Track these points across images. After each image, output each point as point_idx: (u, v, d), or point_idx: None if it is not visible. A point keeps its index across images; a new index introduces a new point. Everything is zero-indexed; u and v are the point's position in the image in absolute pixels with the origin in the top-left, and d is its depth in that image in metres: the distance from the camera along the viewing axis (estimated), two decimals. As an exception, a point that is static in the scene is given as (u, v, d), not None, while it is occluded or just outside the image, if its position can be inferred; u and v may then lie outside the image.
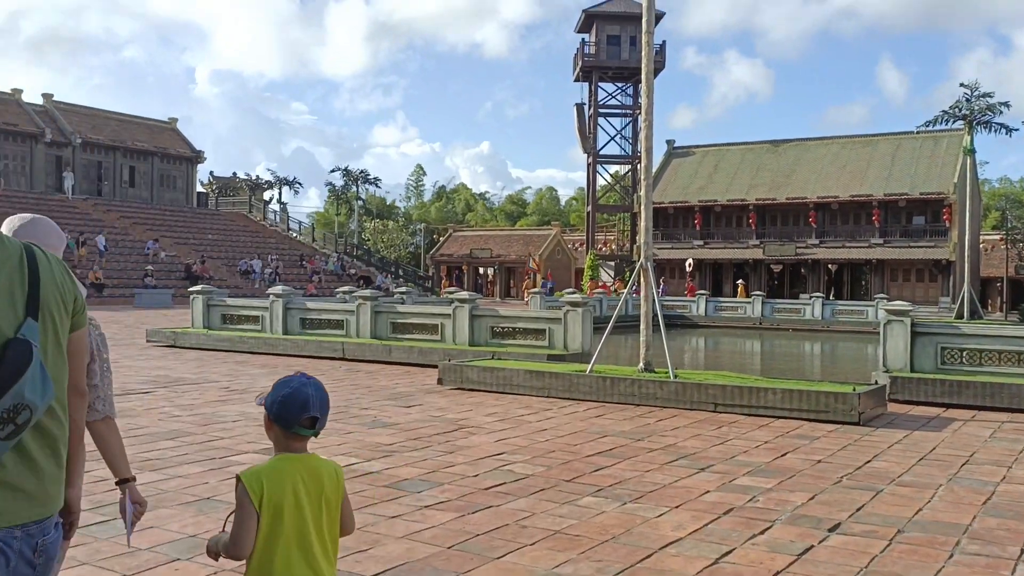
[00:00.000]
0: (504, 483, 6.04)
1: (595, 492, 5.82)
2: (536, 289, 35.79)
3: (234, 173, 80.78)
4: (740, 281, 46.97)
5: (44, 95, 51.68)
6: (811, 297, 34.54)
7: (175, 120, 59.33)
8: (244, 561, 2.31)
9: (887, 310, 11.51)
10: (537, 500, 5.59)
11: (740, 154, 56.31)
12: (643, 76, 11.13)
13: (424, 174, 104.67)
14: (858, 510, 5.46)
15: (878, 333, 11.77)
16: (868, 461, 7.02)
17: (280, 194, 78.79)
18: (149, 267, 38.88)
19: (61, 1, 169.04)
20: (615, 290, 45.79)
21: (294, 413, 2.31)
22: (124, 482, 2.70)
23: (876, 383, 10.21)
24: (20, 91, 50.58)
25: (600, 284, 49.95)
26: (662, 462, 6.85)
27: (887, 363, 11.24)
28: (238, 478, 2.28)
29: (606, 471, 6.48)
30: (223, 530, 2.35)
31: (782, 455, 7.21)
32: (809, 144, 55.12)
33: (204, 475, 6.14)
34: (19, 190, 46.27)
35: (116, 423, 2.78)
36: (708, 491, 5.90)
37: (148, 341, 17.44)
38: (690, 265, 48.35)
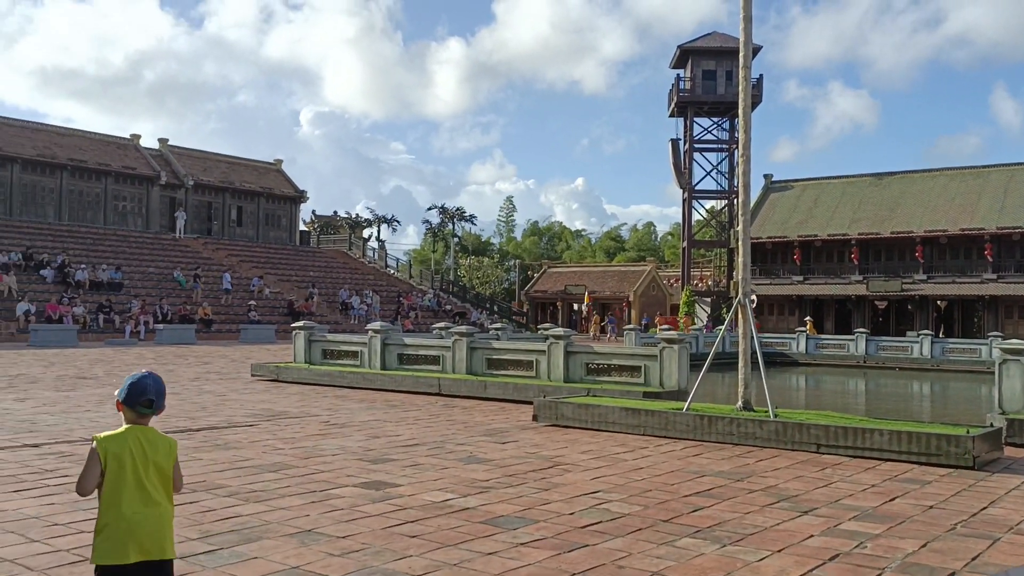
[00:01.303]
0: (600, 522, 5.98)
1: (693, 533, 5.71)
2: (630, 326, 35.48)
3: (335, 212, 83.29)
4: (808, 319, 45.53)
5: (160, 140, 54.53)
6: (919, 335, 33.21)
7: (280, 161, 61.59)
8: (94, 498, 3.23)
9: (1003, 348, 10.98)
10: (634, 540, 5.51)
11: (841, 187, 54.94)
12: (740, 111, 11.03)
13: (515, 210, 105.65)
14: (973, 559, 5.19)
15: (992, 373, 11.23)
16: (984, 508, 6.68)
17: (379, 232, 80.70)
18: (252, 303, 40.24)
19: (180, 50, 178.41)
20: (681, 325, 45.46)
21: (135, 396, 3.26)
22: None
23: (991, 425, 9.72)
24: (138, 136, 53.46)
25: (673, 319, 49.31)
26: (763, 504, 6.66)
27: (1003, 404, 10.70)
28: (93, 439, 3.22)
29: (705, 512, 6.35)
30: None
31: (891, 499, 6.93)
32: (915, 176, 53.37)
33: (305, 507, 6.28)
34: (135, 230, 48.74)
35: None
36: (812, 535, 5.71)
37: (252, 375, 17.99)
38: (753, 302, 47.07)
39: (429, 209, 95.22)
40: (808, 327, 40.13)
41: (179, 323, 34.91)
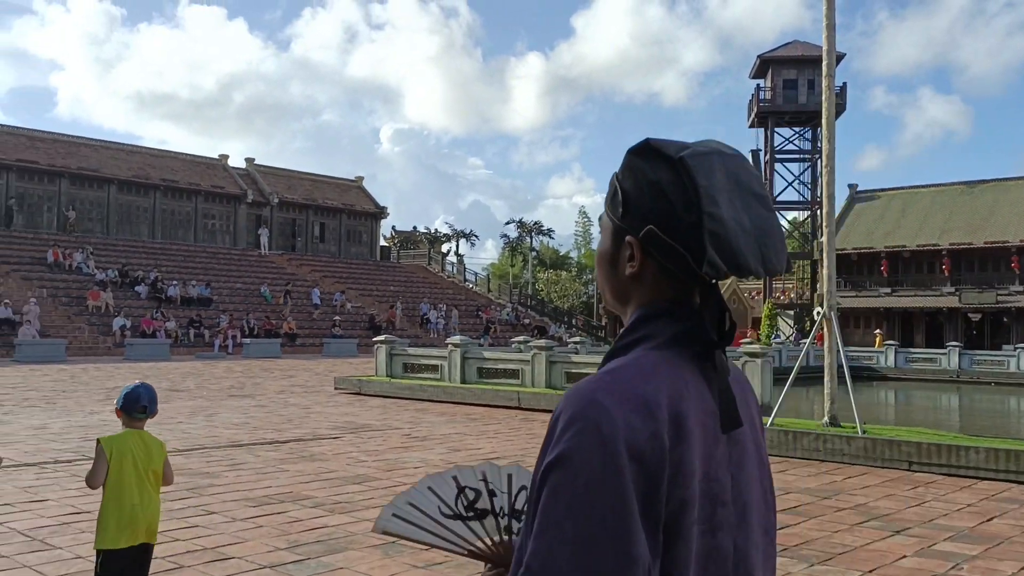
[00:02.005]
0: (683, 538, 5.90)
1: (780, 552, 5.58)
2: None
3: (414, 227, 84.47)
4: (878, 331, 43.82)
5: (247, 159, 56.17)
6: (1016, 348, 31.86)
7: (361, 178, 62.77)
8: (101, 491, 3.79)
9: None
10: (718, 557, 5.42)
11: (930, 196, 53.24)
12: (824, 121, 10.82)
13: (590, 222, 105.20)
14: (1080, 584, 4.95)
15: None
16: (1090, 530, 6.37)
17: (457, 246, 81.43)
18: (336, 317, 41.03)
19: (268, 72, 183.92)
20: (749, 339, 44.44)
21: (131, 404, 3.95)
22: None
23: (1097, 444, 9.27)
24: (226, 156, 55.20)
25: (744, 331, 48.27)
26: (852, 523, 6.49)
27: (1109, 422, 10.19)
28: (98, 441, 3.87)
29: (791, 530, 6.21)
30: None
31: (988, 520, 6.66)
32: (1008, 184, 51.38)
33: (389, 519, 6.36)
34: (224, 247, 50.27)
35: None
36: (904, 556, 5.53)
37: (336, 389, 18.33)
38: (818, 313, 45.43)
39: (507, 223, 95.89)
40: (877, 341, 38.63)
41: (265, 337, 35.82)
